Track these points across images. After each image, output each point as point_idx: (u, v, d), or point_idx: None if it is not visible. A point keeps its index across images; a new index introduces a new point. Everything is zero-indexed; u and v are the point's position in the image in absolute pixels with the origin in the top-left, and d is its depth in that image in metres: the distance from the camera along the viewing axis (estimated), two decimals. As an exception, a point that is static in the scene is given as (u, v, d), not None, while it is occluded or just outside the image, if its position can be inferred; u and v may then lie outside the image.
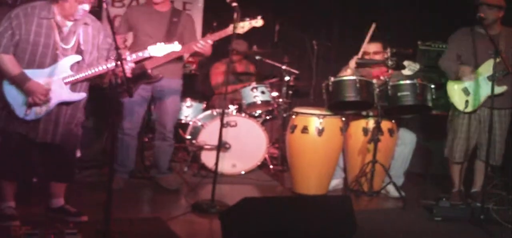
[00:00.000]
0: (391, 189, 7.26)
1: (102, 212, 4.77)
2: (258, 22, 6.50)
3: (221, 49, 8.76)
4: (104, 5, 5.20)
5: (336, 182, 7.56)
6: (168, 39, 6.58)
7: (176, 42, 5.87)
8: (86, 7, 5.22)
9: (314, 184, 7.13)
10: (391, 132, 7.26)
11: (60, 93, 5.28)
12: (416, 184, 8.04)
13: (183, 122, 8.50)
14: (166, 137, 7.04)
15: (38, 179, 6.15)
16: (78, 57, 5.31)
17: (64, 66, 5.27)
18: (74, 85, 5.36)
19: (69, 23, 5.30)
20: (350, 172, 7.44)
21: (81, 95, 5.44)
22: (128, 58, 5.47)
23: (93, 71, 5.36)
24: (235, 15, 6.27)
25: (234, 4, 6.25)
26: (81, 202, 5.99)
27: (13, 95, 5.19)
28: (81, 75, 5.32)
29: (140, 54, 5.62)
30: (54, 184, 5.69)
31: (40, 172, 5.75)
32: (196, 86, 9.64)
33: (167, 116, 6.97)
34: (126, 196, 6.58)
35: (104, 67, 5.35)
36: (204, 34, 9.00)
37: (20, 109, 5.20)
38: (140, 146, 7.30)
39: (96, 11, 8.38)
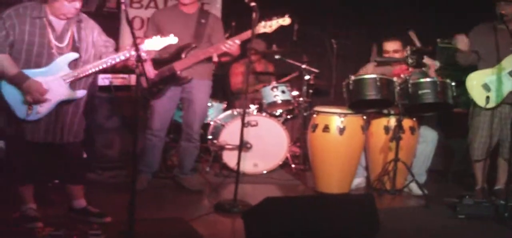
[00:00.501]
0: (414, 187, 7.23)
1: (125, 213, 4.80)
2: (286, 20, 6.52)
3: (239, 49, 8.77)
4: (123, 6, 5.17)
5: (359, 181, 7.53)
6: (195, 41, 6.63)
7: (171, 35, 5.83)
8: (77, 5, 5.17)
9: (337, 182, 7.12)
10: (412, 129, 7.23)
11: (60, 92, 5.24)
12: (438, 182, 7.99)
13: (204, 122, 8.49)
14: (192, 139, 7.02)
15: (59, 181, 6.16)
16: (75, 55, 5.28)
17: (62, 64, 5.22)
18: (73, 83, 5.31)
19: (62, 22, 5.26)
20: (372, 171, 7.42)
21: (82, 92, 5.40)
22: (127, 54, 5.36)
23: (91, 67, 5.32)
24: (254, 15, 6.27)
25: (253, 4, 6.25)
26: (105, 203, 6.02)
27: (12, 96, 5.13)
28: (81, 72, 5.28)
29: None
30: (71, 185, 5.70)
31: (55, 174, 5.75)
32: (217, 86, 9.64)
33: (194, 117, 6.95)
34: (149, 196, 6.60)
35: (104, 65, 5.35)
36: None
37: (20, 110, 5.15)
38: (163, 146, 7.29)
39: (114, 13, 8.45)
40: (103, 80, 7.81)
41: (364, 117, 7.22)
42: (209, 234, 5.54)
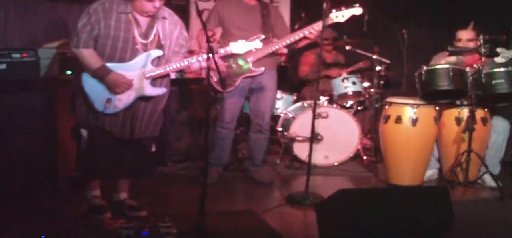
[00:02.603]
0: (487, 179, 7.12)
1: (196, 205, 4.82)
2: (357, 10, 6.41)
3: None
4: (192, -1, 5.22)
5: (431, 173, 7.45)
6: (264, 32, 6.54)
7: (257, 40, 5.79)
8: (157, 4, 5.15)
9: (409, 174, 7.05)
10: (484, 120, 7.10)
11: (141, 87, 5.26)
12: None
13: (274, 114, 8.49)
14: (263, 129, 7.02)
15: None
16: (160, 52, 5.29)
17: (145, 60, 5.23)
18: (154, 80, 5.33)
19: (147, 19, 5.27)
20: (444, 162, 7.32)
21: (162, 90, 5.40)
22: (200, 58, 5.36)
23: (175, 66, 5.33)
24: (324, 6, 6.23)
25: (324, -5, 6.23)
26: (177, 195, 6.05)
27: (92, 88, 5.18)
28: (164, 70, 5.30)
29: (222, 51, 5.62)
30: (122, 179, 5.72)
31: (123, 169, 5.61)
32: (286, 78, 9.64)
33: (265, 108, 6.95)
34: (220, 189, 6.63)
35: (186, 62, 5.33)
36: (292, 26, 8.99)
37: (99, 103, 5.20)
38: (234, 139, 7.30)
39: (183, 6, 8.49)
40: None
41: (437, 108, 7.12)
42: (281, 227, 5.52)
